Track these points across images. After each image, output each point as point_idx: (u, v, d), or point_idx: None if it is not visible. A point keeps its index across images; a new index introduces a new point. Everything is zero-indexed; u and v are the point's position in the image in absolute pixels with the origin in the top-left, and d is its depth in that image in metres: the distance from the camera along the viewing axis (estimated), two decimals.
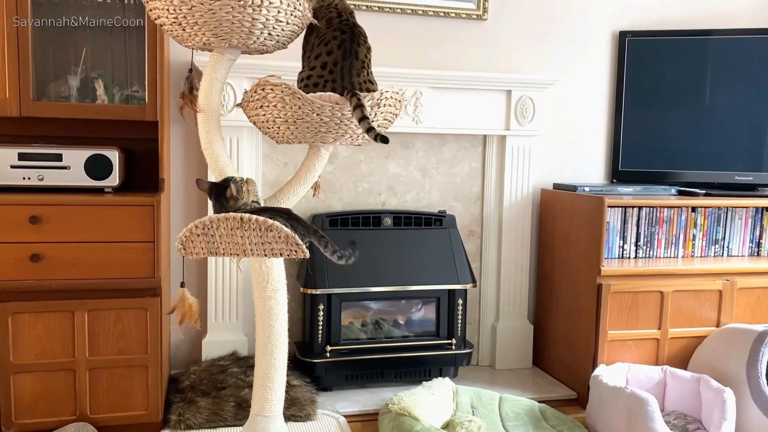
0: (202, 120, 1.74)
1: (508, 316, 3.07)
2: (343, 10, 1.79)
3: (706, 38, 3.02)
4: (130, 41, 2.50)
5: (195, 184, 2.74)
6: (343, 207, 2.91)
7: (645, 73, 3.09)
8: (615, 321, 2.66)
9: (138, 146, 2.55)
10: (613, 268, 2.66)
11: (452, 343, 2.79)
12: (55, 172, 2.26)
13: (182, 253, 1.60)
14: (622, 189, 2.90)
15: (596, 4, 3.13)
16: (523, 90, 2.92)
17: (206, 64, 1.76)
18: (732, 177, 3.03)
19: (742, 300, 2.77)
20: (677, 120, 3.06)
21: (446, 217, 2.88)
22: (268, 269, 1.77)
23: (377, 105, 1.72)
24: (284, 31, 1.69)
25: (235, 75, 2.56)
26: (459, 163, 3.03)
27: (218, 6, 1.57)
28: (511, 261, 3.05)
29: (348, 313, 2.77)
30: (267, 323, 1.80)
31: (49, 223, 2.14)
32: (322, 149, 1.86)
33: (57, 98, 2.43)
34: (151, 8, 1.66)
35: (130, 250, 2.20)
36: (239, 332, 2.77)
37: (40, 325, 2.16)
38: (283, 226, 1.54)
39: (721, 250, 2.91)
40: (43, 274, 2.15)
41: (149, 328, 2.24)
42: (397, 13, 2.89)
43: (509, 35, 3.04)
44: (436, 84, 2.83)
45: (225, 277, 2.73)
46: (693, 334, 2.73)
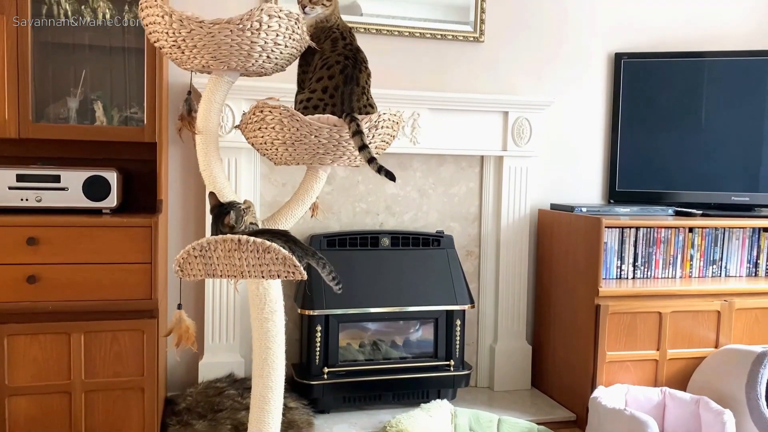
0: (201, 141, 1.74)
1: (506, 337, 3.06)
2: (344, 30, 1.80)
3: (701, 60, 3.05)
4: (130, 63, 2.52)
5: (193, 204, 2.74)
6: (341, 227, 2.92)
7: (641, 94, 3.11)
8: (613, 342, 2.65)
9: (136, 167, 2.56)
10: (611, 288, 2.65)
11: (450, 364, 2.78)
12: (53, 193, 2.26)
13: (179, 275, 1.60)
14: (619, 209, 2.91)
15: (592, 26, 3.16)
16: (519, 111, 2.94)
17: (205, 86, 1.77)
18: (729, 197, 3.04)
19: (740, 321, 2.76)
20: (674, 141, 3.08)
21: (444, 238, 2.88)
22: (266, 291, 1.77)
23: (375, 127, 1.73)
24: (283, 54, 1.70)
25: (233, 97, 2.57)
26: (456, 184, 3.04)
27: (217, 29, 1.58)
28: (509, 281, 3.04)
29: (346, 334, 2.76)
30: (264, 345, 1.78)
31: (46, 244, 2.14)
32: (320, 170, 1.87)
33: (56, 120, 2.44)
34: (150, 31, 1.67)
35: (128, 272, 2.19)
36: (236, 354, 2.75)
37: (35, 347, 2.15)
38: (280, 248, 1.54)
39: (719, 271, 2.91)
40: (40, 295, 2.14)
41: (146, 350, 2.23)
42: (395, 35, 2.91)
43: (506, 57, 3.07)
44: (434, 105, 2.85)
45: (222, 299, 2.72)
46: (692, 355, 2.72)
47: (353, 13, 2.83)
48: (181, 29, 1.60)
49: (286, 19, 1.63)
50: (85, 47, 2.50)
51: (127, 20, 2.46)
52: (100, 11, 2.44)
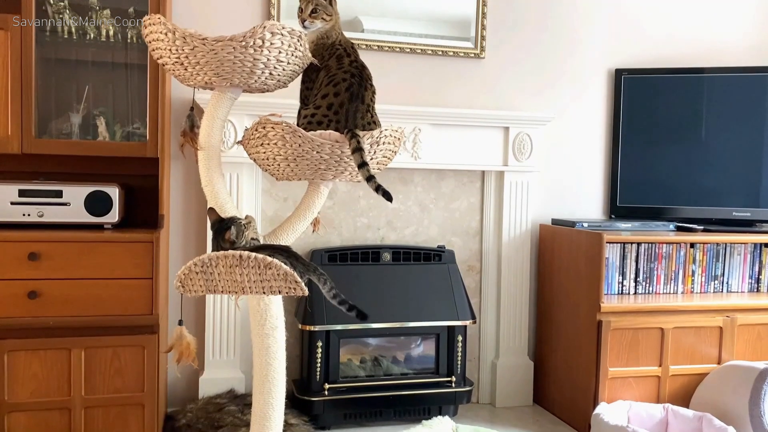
0: (203, 157, 1.75)
1: (508, 352, 3.05)
2: (347, 46, 1.81)
3: (701, 76, 3.07)
4: (132, 79, 2.53)
5: (195, 220, 2.74)
6: (342, 242, 2.92)
7: (641, 109, 3.12)
8: (615, 358, 2.64)
9: (138, 182, 2.56)
10: (612, 304, 2.65)
11: (452, 380, 2.76)
12: (55, 208, 2.26)
13: (181, 291, 1.60)
14: (620, 225, 2.91)
15: (592, 42, 3.18)
16: (520, 127, 2.95)
17: (207, 101, 1.78)
18: (730, 213, 3.04)
19: (742, 337, 2.75)
20: (674, 156, 3.08)
21: (445, 253, 2.88)
22: (267, 306, 1.76)
23: (377, 143, 1.74)
24: (285, 71, 1.71)
25: (236, 112, 2.58)
26: (458, 199, 3.04)
27: (220, 46, 1.59)
28: (510, 297, 3.04)
29: (346, 349, 2.75)
30: (265, 361, 1.78)
31: (47, 259, 2.14)
32: (321, 186, 1.87)
33: (59, 135, 2.45)
34: (153, 48, 1.68)
35: (129, 287, 2.19)
36: (237, 370, 2.74)
37: (36, 362, 2.14)
38: (282, 264, 1.54)
39: (721, 286, 2.90)
40: (41, 311, 2.14)
41: (146, 365, 2.22)
42: (397, 51, 2.93)
43: (507, 73, 3.09)
44: (435, 121, 2.86)
45: (223, 315, 2.72)
46: (694, 372, 2.71)
47: (355, 30, 2.85)
48: (184, 46, 1.61)
49: (288, 37, 1.64)
50: (89, 63, 2.51)
51: (131, 37, 2.48)
52: (104, 28, 2.46)
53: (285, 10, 2.77)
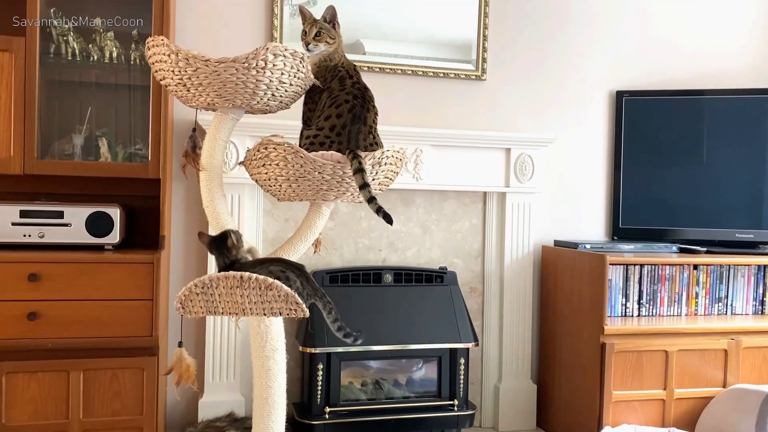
0: (205, 178, 1.75)
1: (511, 375, 3.02)
2: (350, 68, 1.82)
3: (701, 98, 3.08)
4: (135, 100, 2.55)
5: (195, 240, 2.73)
6: (343, 263, 2.90)
7: (643, 131, 3.13)
8: (619, 381, 2.61)
9: (139, 203, 2.56)
10: (616, 326, 2.62)
11: (454, 404, 2.73)
12: (56, 229, 2.26)
13: (181, 312, 1.58)
14: (623, 246, 2.90)
15: (593, 64, 3.20)
16: (522, 148, 2.96)
17: (210, 123, 1.78)
18: (733, 234, 3.03)
19: (748, 359, 2.72)
20: (676, 178, 3.08)
21: (447, 274, 2.87)
22: (267, 328, 1.75)
23: (378, 163, 1.74)
24: (287, 93, 1.72)
25: (238, 133, 2.59)
26: (459, 220, 3.03)
27: (223, 68, 1.60)
28: (513, 319, 3.02)
29: (347, 372, 2.72)
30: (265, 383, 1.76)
31: (47, 280, 2.13)
32: (323, 206, 1.87)
33: (61, 156, 2.45)
34: (156, 69, 1.69)
35: (129, 308, 2.18)
36: (237, 392, 2.71)
37: (34, 385, 2.12)
38: (283, 285, 1.53)
39: (725, 308, 2.88)
40: (40, 332, 2.12)
41: (145, 388, 2.20)
42: (398, 73, 2.95)
43: (508, 95, 3.10)
44: (437, 142, 2.86)
45: (223, 336, 2.70)
46: (699, 395, 2.68)
47: (356, 52, 2.86)
48: (187, 68, 1.61)
49: (291, 58, 1.65)
50: (92, 85, 2.53)
51: (134, 58, 2.49)
52: (107, 50, 2.47)
53: (287, 32, 2.79)
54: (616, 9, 3.23)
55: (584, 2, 3.19)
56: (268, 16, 2.80)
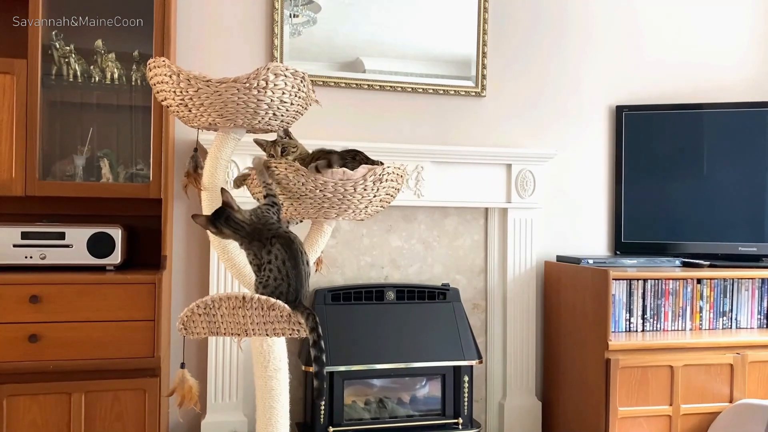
0: (207, 198, 1.75)
1: (515, 392, 3.00)
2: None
3: (701, 111, 3.08)
4: (136, 121, 2.55)
5: (198, 260, 2.73)
6: (345, 281, 2.89)
7: (643, 145, 3.13)
8: (625, 397, 2.59)
9: (141, 223, 2.56)
10: (620, 342, 2.61)
11: (459, 422, 2.71)
12: (57, 250, 2.25)
13: (183, 333, 1.57)
14: (626, 261, 2.89)
15: (592, 79, 3.21)
16: (523, 164, 2.96)
17: (211, 142, 1.78)
18: (736, 248, 3.02)
19: (754, 374, 2.70)
20: (678, 191, 3.08)
21: (450, 291, 2.86)
22: (270, 348, 1.74)
23: (380, 180, 1.74)
24: (288, 112, 1.72)
25: (239, 152, 2.59)
26: (461, 236, 3.03)
27: (224, 88, 1.60)
28: (516, 335, 3.00)
29: (351, 391, 2.70)
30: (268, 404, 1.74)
31: (49, 302, 2.12)
32: (324, 224, 1.86)
33: (62, 177, 2.46)
34: (158, 90, 1.69)
35: (130, 329, 2.17)
36: (239, 413, 2.69)
37: (35, 408, 2.11)
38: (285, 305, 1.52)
39: (729, 323, 2.86)
40: (41, 354, 2.11)
41: (147, 410, 2.18)
42: (398, 91, 2.96)
43: (508, 111, 3.11)
44: (437, 159, 2.87)
45: (225, 356, 2.68)
46: (706, 411, 2.65)
47: (356, 70, 2.88)
48: (188, 88, 1.62)
49: (292, 78, 1.65)
50: (93, 106, 2.54)
51: (135, 79, 2.50)
52: (109, 71, 2.49)
53: (288, 51, 2.80)
54: (615, 24, 3.25)
55: (583, 18, 3.21)
56: (268, 36, 2.82)
